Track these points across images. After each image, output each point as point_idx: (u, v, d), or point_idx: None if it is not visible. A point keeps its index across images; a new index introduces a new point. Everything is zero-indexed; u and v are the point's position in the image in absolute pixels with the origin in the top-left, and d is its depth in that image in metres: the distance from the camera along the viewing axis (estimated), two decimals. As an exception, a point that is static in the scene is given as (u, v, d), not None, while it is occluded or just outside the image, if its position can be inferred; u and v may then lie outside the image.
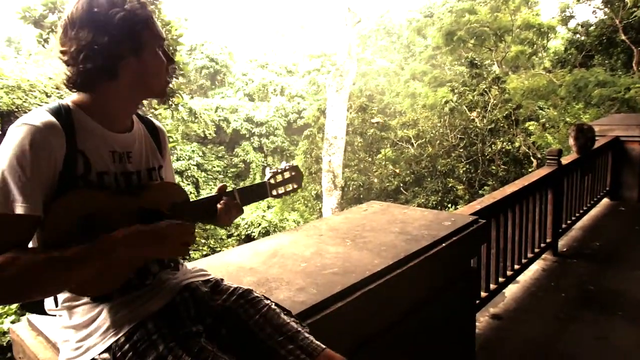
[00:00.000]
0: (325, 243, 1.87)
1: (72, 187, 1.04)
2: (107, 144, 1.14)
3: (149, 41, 1.14)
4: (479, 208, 2.81)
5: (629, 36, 15.06)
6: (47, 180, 1.01)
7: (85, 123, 1.11)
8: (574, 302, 3.25)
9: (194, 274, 1.29)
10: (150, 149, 1.29)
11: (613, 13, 15.43)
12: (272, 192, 1.46)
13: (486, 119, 13.41)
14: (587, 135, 4.91)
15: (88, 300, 1.10)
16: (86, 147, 1.09)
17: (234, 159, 25.32)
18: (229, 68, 28.84)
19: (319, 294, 1.43)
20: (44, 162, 1.00)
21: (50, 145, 1.01)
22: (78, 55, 1.07)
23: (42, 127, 1.01)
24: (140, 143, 1.25)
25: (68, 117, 1.08)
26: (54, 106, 1.09)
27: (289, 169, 1.50)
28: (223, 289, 1.25)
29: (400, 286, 1.65)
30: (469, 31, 17.25)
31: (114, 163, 1.15)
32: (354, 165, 13.79)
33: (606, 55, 16.27)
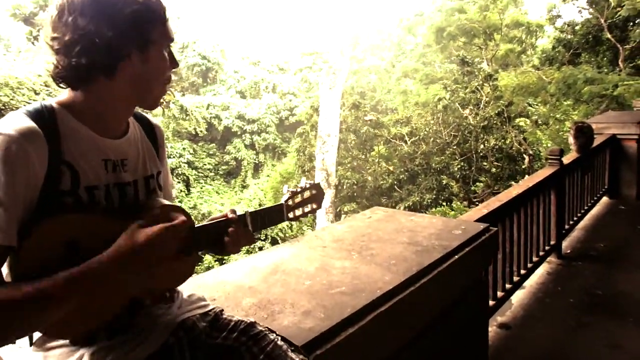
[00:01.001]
0: (330, 256, 1.72)
1: (56, 205, 0.87)
2: (99, 151, 0.97)
3: (158, 40, 0.99)
4: (486, 212, 2.68)
5: (614, 35, 15.52)
6: (25, 201, 0.83)
7: (73, 128, 0.93)
8: (583, 308, 3.14)
9: (191, 306, 1.13)
10: (148, 153, 1.12)
11: (598, 13, 15.92)
12: (289, 215, 1.26)
13: (479, 116, 13.38)
14: (586, 134, 4.85)
15: (66, 342, 0.93)
16: (74, 156, 0.91)
17: (226, 157, 25.10)
18: (221, 65, 28.59)
19: (327, 318, 1.27)
20: (21, 180, 0.82)
21: (28, 159, 0.83)
22: (73, 46, 0.89)
23: (18, 136, 0.83)
24: (137, 148, 1.08)
25: (52, 121, 0.90)
26: (34, 108, 0.90)
27: (310, 187, 1.30)
28: (223, 324, 1.09)
29: (414, 304, 1.51)
30: (458, 28, 17.36)
31: (107, 173, 0.98)
32: (347, 163, 13.65)
33: (593, 53, 16.72)
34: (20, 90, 13.80)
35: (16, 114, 0.88)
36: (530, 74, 16.60)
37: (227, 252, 1.13)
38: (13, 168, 0.81)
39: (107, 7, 0.90)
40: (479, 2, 19.93)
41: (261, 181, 24.00)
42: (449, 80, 15.04)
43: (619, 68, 15.24)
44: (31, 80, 14.28)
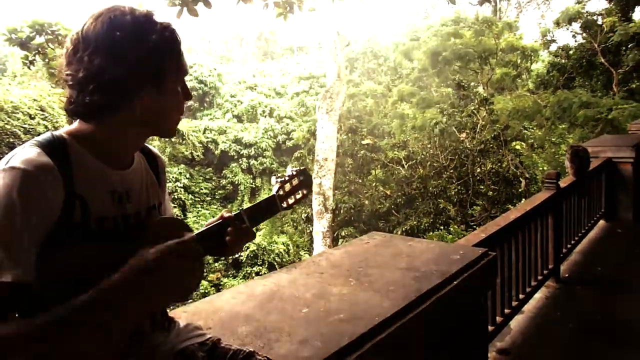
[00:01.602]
0: (328, 283, 1.70)
1: (67, 237, 0.87)
2: (107, 183, 0.97)
3: (172, 75, 0.99)
4: (484, 237, 2.67)
5: (607, 59, 15.76)
6: (40, 236, 0.83)
7: (84, 160, 0.93)
8: (582, 334, 3.11)
9: (188, 335, 1.11)
10: (151, 184, 1.12)
11: (591, 37, 16.20)
12: (283, 205, 1.27)
13: (475, 140, 13.48)
14: (582, 158, 4.88)
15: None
16: (84, 188, 0.91)
17: (222, 181, 25.06)
18: (218, 90, 28.87)
19: (325, 347, 1.25)
20: (37, 216, 0.82)
21: (44, 194, 0.83)
22: (87, 83, 0.90)
23: (34, 171, 0.82)
24: (141, 179, 1.08)
25: (64, 154, 0.90)
26: (46, 140, 0.90)
27: (297, 174, 1.32)
28: (221, 354, 1.08)
29: (413, 331, 1.49)
30: (454, 53, 17.65)
31: (114, 205, 0.98)
32: (344, 187, 13.66)
33: (587, 77, 16.99)
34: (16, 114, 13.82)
35: (29, 147, 0.88)
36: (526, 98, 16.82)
37: (229, 252, 1.15)
38: (30, 204, 0.81)
39: (121, 44, 0.90)
40: (474, 26, 20.36)
41: (258, 205, 23.91)
42: (445, 104, 15.22)
43: (613, 92, 15.44)
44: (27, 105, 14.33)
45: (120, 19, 0.92)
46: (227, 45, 47.73)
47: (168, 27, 0.98)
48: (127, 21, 0.92)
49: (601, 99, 14.63)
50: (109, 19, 0.91)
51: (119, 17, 0.92)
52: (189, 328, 1.14)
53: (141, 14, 0.95)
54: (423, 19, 30.14)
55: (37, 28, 8.52)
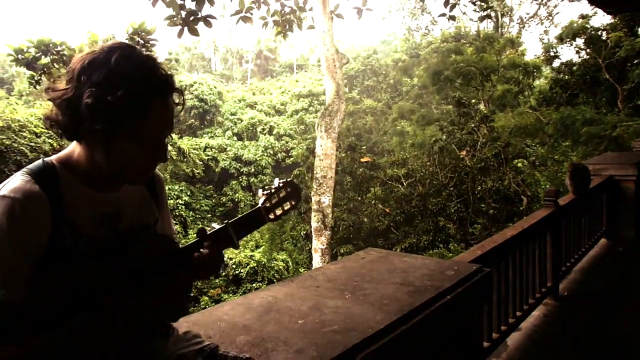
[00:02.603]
0: (323, 296, 1.74)
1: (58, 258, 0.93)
2: (96, 206, 1.03)
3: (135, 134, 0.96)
4: (480, 254, 2.70)
5: (612, 75, 15.42)
6: (31, 257, 0.89)
7: (72, 186, 0.99)
8: (580, 352, 3.11)
9: (187, 342, 1.16)
10: (145, 203, 1.17)
11: (596, 53, 15.86)
12: (269, 216, 1.28)
13: (476, 158, 13.54)
14: (583, 176, 4.85)
15: None
16: (73, 213, 0.97)
17: (222, 198, 25.15)
18: (218, 108, 29.19)
19: (320, 356, 1.29)
20: (26, 239, 0.89)
21: (33, 221, 0.90)
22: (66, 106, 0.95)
23: (23, 200, 0.89)
24: (133, 199, 1.13)
25: (53, 182, 0.96)
26: (38, 168, 0.96)
27: (284, 186, 1.32)
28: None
29: (404, 344, 1.52)
30: (455, 70, 17.63)
31: (103, 226, 1.03)
32: (343, 204, 13.68)
33: (590, 93, 16.57)
34: (22, 133, 13.97)
35: (21, 176, 0.93)
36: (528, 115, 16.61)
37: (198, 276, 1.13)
38: (18, 230, 0.87)
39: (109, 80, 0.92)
40: (475, 43, 20.42)
41: (258, 223, 23.89)
42: (445, 122, 15.28)
43: (618, 108, 15.11)
44: (33, 124, 14.49)
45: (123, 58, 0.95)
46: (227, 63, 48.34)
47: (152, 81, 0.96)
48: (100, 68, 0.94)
49: (605, 116, 14.31)
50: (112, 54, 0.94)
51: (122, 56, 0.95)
52: (188, 336, 1.19)
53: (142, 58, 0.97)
54: (423, 36, 30.46)
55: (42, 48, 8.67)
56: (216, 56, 49.12)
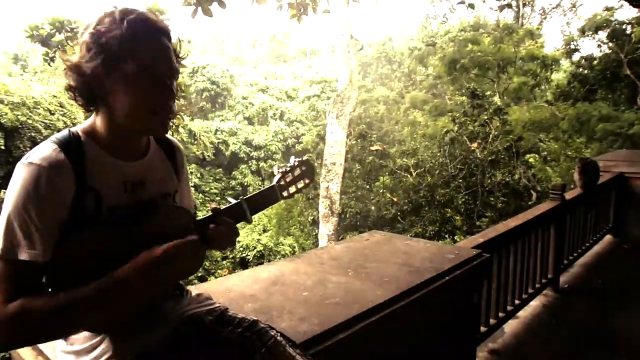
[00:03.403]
0: (327, 272, 1.83)
1: (82, 225, 1.01)
2: (119, 174, 1.10)
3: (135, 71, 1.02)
4: (482, 241, 2.77)
5: (634, 71, 14.98)
6: (55, 222, 0.98)
7: (96, 155, 1.06)
8: (575, 342, 3.18)
9: (199, 304, 1.25)
10: (167, 173, 1.24)
11: (618, 48, 15.42)
12: (283, 194, 1.34)
13: (487, 150, 13.47)
14: (591, 171, 4.84)
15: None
16: (97, 182, 1.04)
17: (232, 182, 25.35)
18: (230, 91, 29.20)
19: (321, 324, 1.38)
20: (52, 205, 0.97)
21: (58, 187, 0.97)
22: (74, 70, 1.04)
23: (48, 167, 0.97)
24: (155, 169, 1.20)
25: (79, 151, 1.03)
26: (64, 138, 1.04)
27: (299, 164, 1.37)
28: (228, 320, 1.21)
29: (402, 319, 1.61)
30: (471, 60, 17.28)
31: (126, 194, 1.11)
32: (351, 192, 13.76)
33: (609, 89, 16.18)
34: (37, 110, 14.15)
35: (47, 144, 1.02)
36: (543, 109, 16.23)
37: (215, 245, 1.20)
38: (44, 194, 0.95)
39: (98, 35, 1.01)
40: (494, 33, 19.98)
41: (266, 207, 24.08)
42: (458, 113, 15.15)
43: (637, 106, 14.77)
44: (47, 101, 14.66)
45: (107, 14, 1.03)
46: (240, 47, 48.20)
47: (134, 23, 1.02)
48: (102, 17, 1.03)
49: (623, 113, 13.99)
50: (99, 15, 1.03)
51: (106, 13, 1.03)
52: (200, 298, 1.28)
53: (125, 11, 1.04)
54: (441, 24, 29.91)
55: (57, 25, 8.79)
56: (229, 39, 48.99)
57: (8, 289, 0.92)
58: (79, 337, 1.06)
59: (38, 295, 0.95)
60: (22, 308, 0.90)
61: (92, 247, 1.01)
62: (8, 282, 0.93)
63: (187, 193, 1.33)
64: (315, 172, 1.45)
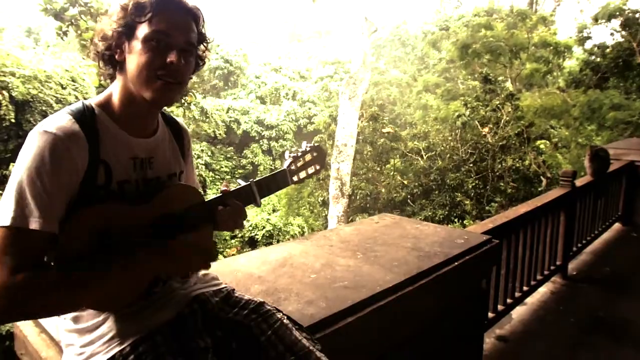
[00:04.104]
0: (336, 255, 1.83)
1: (91, 197, 1.01)
2: (129, 150, 1.10)
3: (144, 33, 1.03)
4: (492, 227, 2.75)
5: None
6: (67, 193, 0.97)
7: (108, 128, 1.07)
8: (583, 328, 3.18)
9: (205, 284, 1.25)
10: (174, 153, 1.24)
11: (631, 36, 15.47)
12: (293, 178, 1.33)
13: (498, 135, 13.33)
14: (602, 159, 4.81)
15: None
16: (108, 155, 1.05)
17: (242, 161, 25.40)
18: (243, 70, 29.00)
19: (328, 308, 1.39)
20: (65, 174, 0.96)
21: (72, 157, 0.97)
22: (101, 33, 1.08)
23: (63, 136, 0.96)
24: (164, 148, 1.20)
25: (92, 123, 1.03)
26: (78, 109, 1.04)
27: (310, 150, 1.36)
28: (235, 301, 1.22)
29: (411, 304, 1.61)
30: (484, 45, 17.16)
31: (135, 170, 1.11)
32: (362, 174, 13.74)
33: (621, 78, 16.17)
34: (48, 83, 14.17)
35: (62, 114, 1.02)
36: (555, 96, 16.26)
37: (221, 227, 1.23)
38: (58, 163, 0.95)
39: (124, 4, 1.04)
40: (507, 19, 19.74)
41: (276, 187, 24.14)
42: (470, 97, 15.01)
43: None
44: (59, 75, 14.66)
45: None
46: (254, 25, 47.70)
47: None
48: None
49: (634, 102, 14.11)
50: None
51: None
52: (206, 278, 1.28)
53: None
54: (455, 8, 29.44)
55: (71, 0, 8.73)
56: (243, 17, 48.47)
57: (16, 258, 0.90)
58: (82, 315, 1.07)
59: (44, 268, 0.95)
60: (29, 281, 0.89)
61: (100, 221, 1.01)
62: (17, 252, 0.91)
63: (192, 175, 1.33)
64: (326, 158, 1.43)
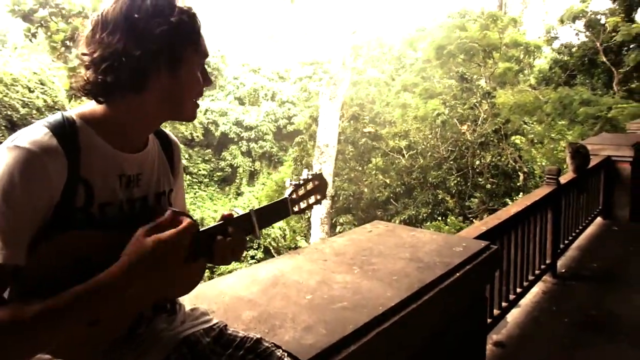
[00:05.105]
0: (331, 270, 1.70)
1: (68, 221, 0.85)
2: (116, 166, 0.95)
3: (190, 58, 0.97)
4: (485, 230, 2.68)
5: (609, 58, 15.87)
6: (38, 217, 0.82)
7: (93, 143, 0.91)
8: (577, 327, 3.14)
9: (194, 321, 1.10)
10: (163, 169, 1.09)
11: (594, 36, 16.27)
12: (294, 209, 1.22)
13: (476, 133, 13.47)
14: (583, 155, 4.91)
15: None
16: (90, 172, 0.89)
17: (221, 163, 25.03)
18: (221, 71, 28.61)
19: (329, 334, 1.25)
20: (37, 197, 0.81)
21: (47, 175, 0.82)
22: (100, 63, 0.89)
23: (39, 152, 0.81)
24: (153, 163, 1.06)
25: (73, 137, 0.88)
26: (56, 121, 0.88)
27: (312, 179, 1.26)
28: (228, 340, 1.07)
29: (416, 322, 1.49)
30: (459, 46, 17.60)
31: (121, 189, 0.96)
32: (344, 174, 13.66)
33: (588, 75, 17.03)
34: (15, 87, 13.61)
35: (38, 127, 0.86)
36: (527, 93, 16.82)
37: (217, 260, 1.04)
38: (30, 185, 0.80)
39: (137, 26, 0.89)
40: (479, 20, 20.24)
41: (256, 189, 23.91)
42: (447, 96, 15.16)
43: (613, 91, 15.58)
44: (26, 78, 14.09)
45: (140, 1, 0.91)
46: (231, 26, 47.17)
47: (187, 11, 0.96)
48: (146, 3, 0.91)
49: (601, 98, 14.74)
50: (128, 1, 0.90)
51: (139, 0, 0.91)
52: (195, 314, 1.13)
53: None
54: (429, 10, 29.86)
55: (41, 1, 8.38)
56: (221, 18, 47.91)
57: None
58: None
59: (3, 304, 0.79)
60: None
61: (76, 251, 0.85)
62: None
63: (181, 194, 1.19)
64: (327, 188, 1.33)
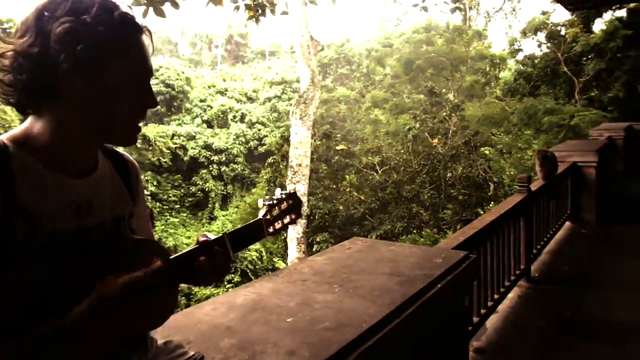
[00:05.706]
0: (312, 290, 1.66)
1: (8, 257, 0.76)
2: (60, 193, 0.85)
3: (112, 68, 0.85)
4: (462, 240, 2.71)
5: (570, 68, 16.64)
6: None
7: (29, 168, 0.82)
8: (554, 330, 3.21)
9: (168, 356, 1.03)
10: (119, 192, 1.00)
11: (555, 47, 17.06)
12: (269, 230, 1.17)
13: (447, 145, 13.76)
14: (551, 162, 5.07)
15: None
16: (30, 201, 0.80)
17: (192, 188, 24.54)
18: (186, 94, 28.26)
19: (313, 356, 1.21)
20: None
21: None
22: (14, 59, 0.82)
23: None
24: (105, 187, 0.96)
25: (6, 165, 0.79)
26: None
27: (286, 198, 1.23)
28: None
29: (400, 336, 1.47)
30: (426, 61, 18.06)
31: (70, 218, 0.86)
32: (319, 193, 13.65)
33: (551, 85, 17.77)
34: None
35: None
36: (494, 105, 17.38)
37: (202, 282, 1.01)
38: None
39: (44, 25, 0.81)
40: (445, 34, 20.92)
41: (230, 212, 23.53)
42: (417, 110, 15.47)
43: (575, 100, 16.28)
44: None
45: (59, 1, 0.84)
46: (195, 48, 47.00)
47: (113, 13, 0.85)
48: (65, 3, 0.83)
49: (564, 106, 15.35)
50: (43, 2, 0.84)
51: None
52: (169, 347, 1.06)
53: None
54: (395, 26, 30.68)
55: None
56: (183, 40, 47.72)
57: None
58: None
59: None
60: None
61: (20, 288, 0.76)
62: None
63: (144, 217, 1.10)
64: (302, 206, 1.31)
